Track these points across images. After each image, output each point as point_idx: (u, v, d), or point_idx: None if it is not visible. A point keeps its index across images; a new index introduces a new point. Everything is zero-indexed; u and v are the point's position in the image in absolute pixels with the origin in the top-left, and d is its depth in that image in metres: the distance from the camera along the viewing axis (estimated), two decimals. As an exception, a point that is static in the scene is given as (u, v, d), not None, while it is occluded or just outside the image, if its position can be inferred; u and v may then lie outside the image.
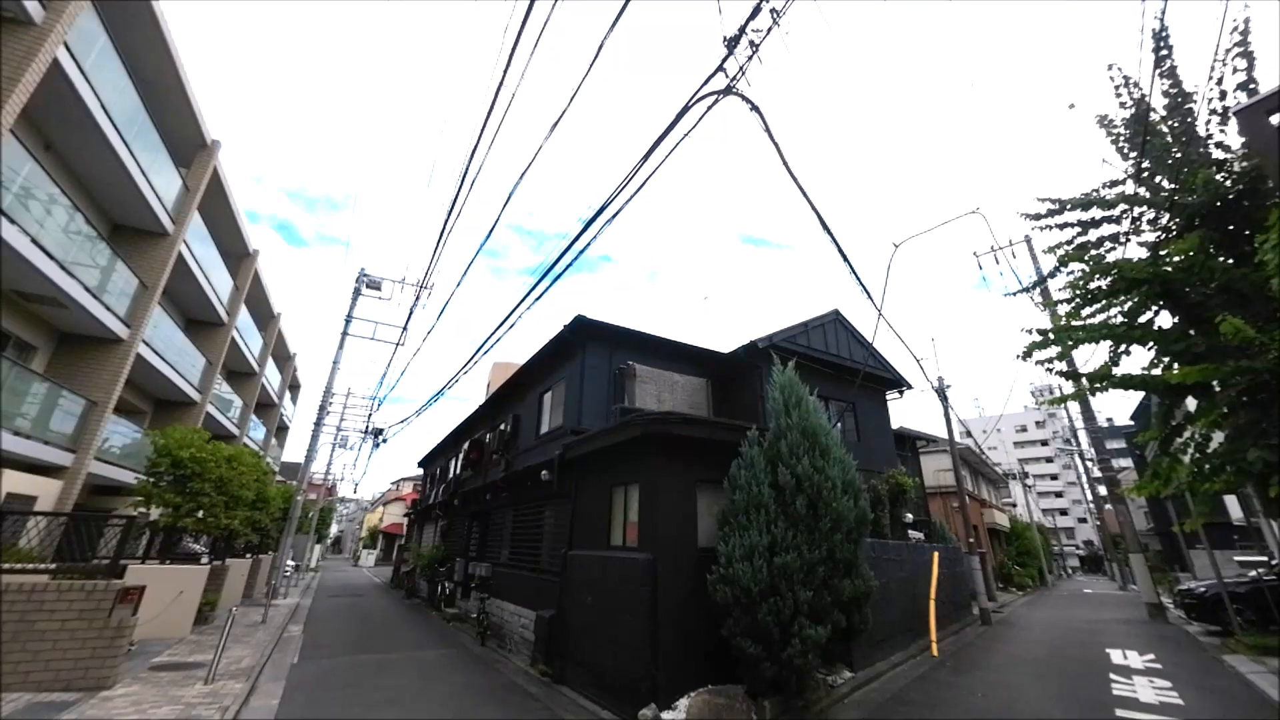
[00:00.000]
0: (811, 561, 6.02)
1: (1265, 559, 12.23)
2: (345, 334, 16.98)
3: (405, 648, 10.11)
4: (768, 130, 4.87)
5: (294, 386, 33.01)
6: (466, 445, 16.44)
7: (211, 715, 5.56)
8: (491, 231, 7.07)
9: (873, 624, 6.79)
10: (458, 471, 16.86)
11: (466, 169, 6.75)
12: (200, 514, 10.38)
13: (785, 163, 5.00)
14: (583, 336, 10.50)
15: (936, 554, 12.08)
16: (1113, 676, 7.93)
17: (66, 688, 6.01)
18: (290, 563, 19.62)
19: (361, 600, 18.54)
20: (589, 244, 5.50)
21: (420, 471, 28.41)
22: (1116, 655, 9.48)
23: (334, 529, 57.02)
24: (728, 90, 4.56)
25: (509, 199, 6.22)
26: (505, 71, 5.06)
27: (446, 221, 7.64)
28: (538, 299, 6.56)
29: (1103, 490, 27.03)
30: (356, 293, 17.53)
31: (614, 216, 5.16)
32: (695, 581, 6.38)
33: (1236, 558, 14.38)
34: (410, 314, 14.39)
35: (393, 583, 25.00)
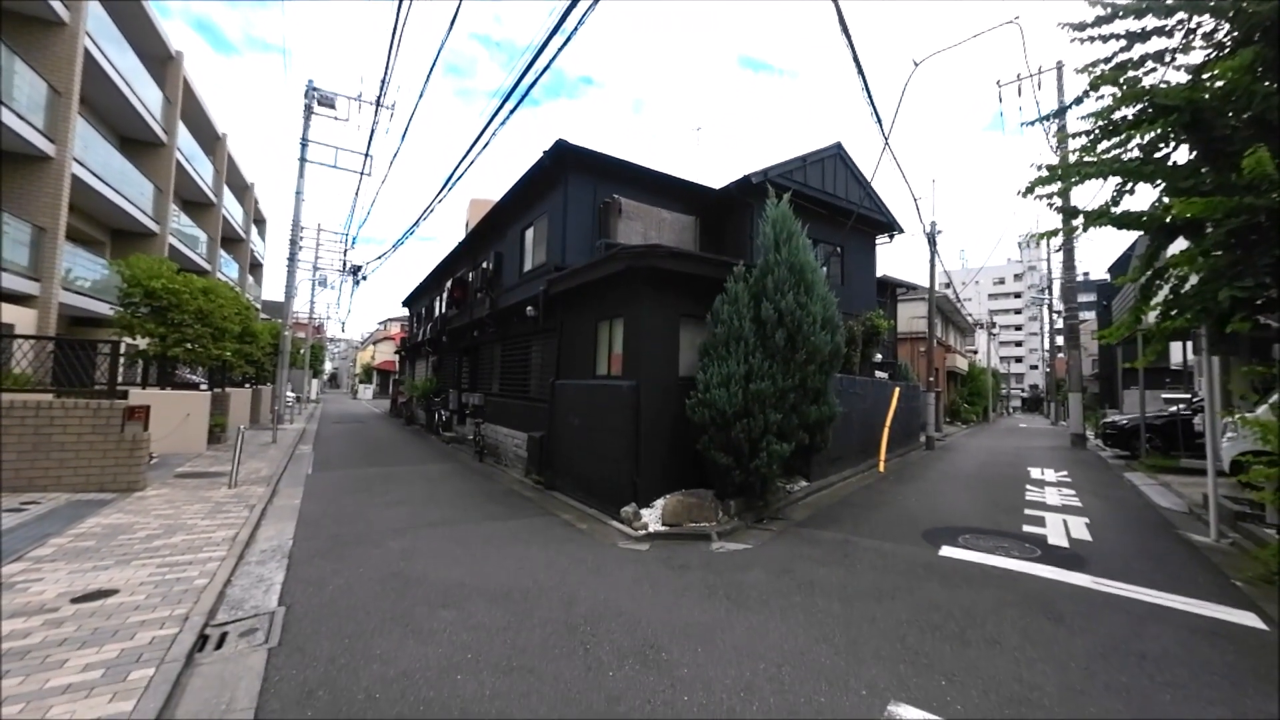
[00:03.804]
0: (784, 389, 6.46)
1: (1188, 396, 13.52)
2: (303, 160, 15.52)
3: (410, 462, 11.17)
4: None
5: (259, 221, 31.14)
6: (450, 284, 16.23)
7: (241, 511, 6.26)
8: (452, 26, 5.99)
9: (831, 445, 7.58)
10: (443, 310, 16.89)
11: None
12: (189, 345, 10.47)
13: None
14: (565, 166, 9.70)
15: (898, 390, 13.09)
16: (1028, 487, 9.25)
17: (101, 489, 6.62)
18: (290, 394, 20.60)
19: (364, 426, 19.97)
20: (568, 39, 4.71)
21: (406, 311, 28.50)
22: (1035, 472, 10.95)
23: (328, 366, 59.02)
24: None
25: (471, -22, 5.15)
26: None
27: (398, 18, 6.42)
28: (512, 112, 5.85)
29: (1060, 340, 28.65)
30: (308, 111, 15.61)
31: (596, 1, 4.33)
32: (675, 406, 6.87)
33: (1163, 395, 15.89)
34: (371, 136, 13.04)
35: (391, 412, 26.73)
